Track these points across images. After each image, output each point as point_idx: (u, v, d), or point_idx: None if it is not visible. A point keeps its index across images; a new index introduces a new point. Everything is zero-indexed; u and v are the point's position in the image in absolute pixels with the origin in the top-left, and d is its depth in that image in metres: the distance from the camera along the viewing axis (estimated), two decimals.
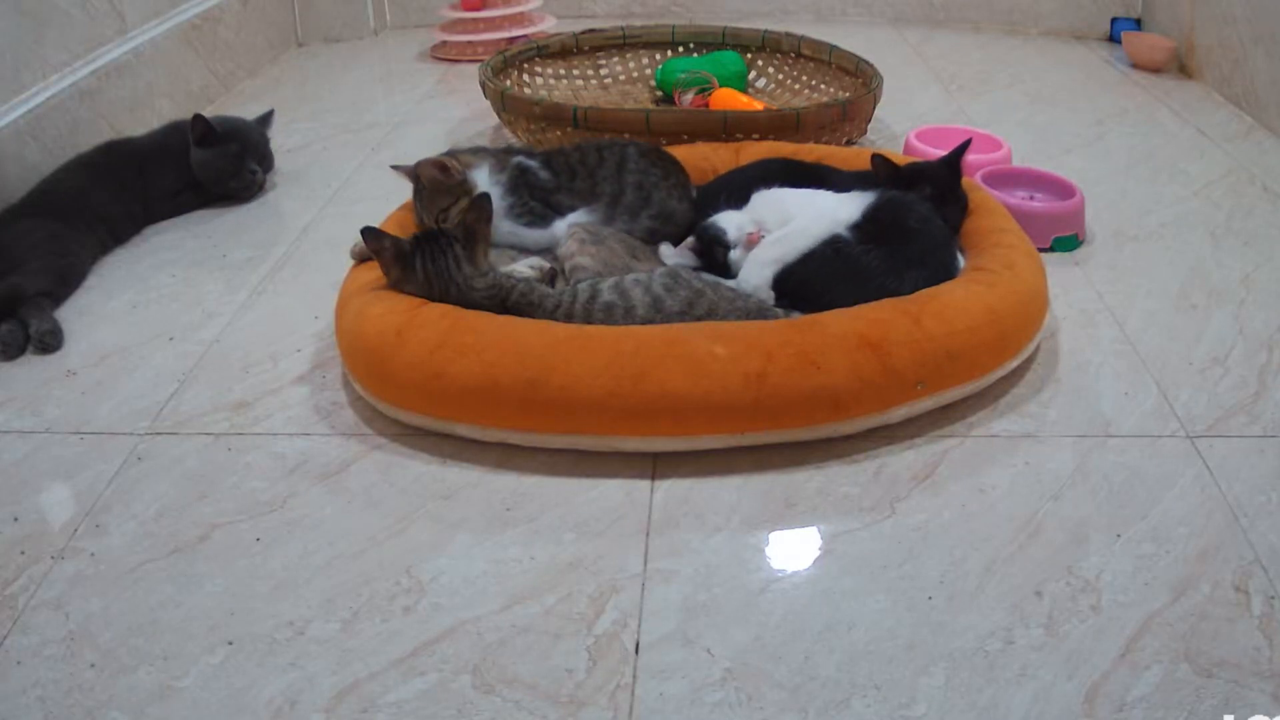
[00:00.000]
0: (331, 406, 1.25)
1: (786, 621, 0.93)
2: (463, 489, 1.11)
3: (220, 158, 1.73)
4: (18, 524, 1.07)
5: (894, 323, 1.15)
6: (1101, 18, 2.75)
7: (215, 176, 1.74)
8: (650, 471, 1.13)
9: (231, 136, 1.74)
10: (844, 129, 1.84)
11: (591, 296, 1.20)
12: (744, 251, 1.33)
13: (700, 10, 2.95)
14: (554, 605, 0.95)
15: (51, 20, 1.79)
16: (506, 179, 1.42)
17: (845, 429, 1.15)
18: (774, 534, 1.05)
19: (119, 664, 0.90)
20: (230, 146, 1.74)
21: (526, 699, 0.86)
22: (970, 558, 1.00)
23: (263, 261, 1.60)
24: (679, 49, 2.29)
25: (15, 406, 1.25)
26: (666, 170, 1.48)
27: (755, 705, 0.85)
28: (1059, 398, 1.24)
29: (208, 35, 2.30)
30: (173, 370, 1.32)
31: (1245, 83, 2.16)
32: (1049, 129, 2.10)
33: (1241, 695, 0.85)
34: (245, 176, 1.76)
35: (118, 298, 1.50)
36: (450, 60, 2.65)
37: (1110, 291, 1.47)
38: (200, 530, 1.05)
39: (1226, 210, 1.72)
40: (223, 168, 1.74)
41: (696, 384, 1.10)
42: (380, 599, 0.96)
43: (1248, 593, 0.95)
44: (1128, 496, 1.08)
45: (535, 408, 1.11)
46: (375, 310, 1.20)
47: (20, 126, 1.67)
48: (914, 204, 1.34)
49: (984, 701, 0.85)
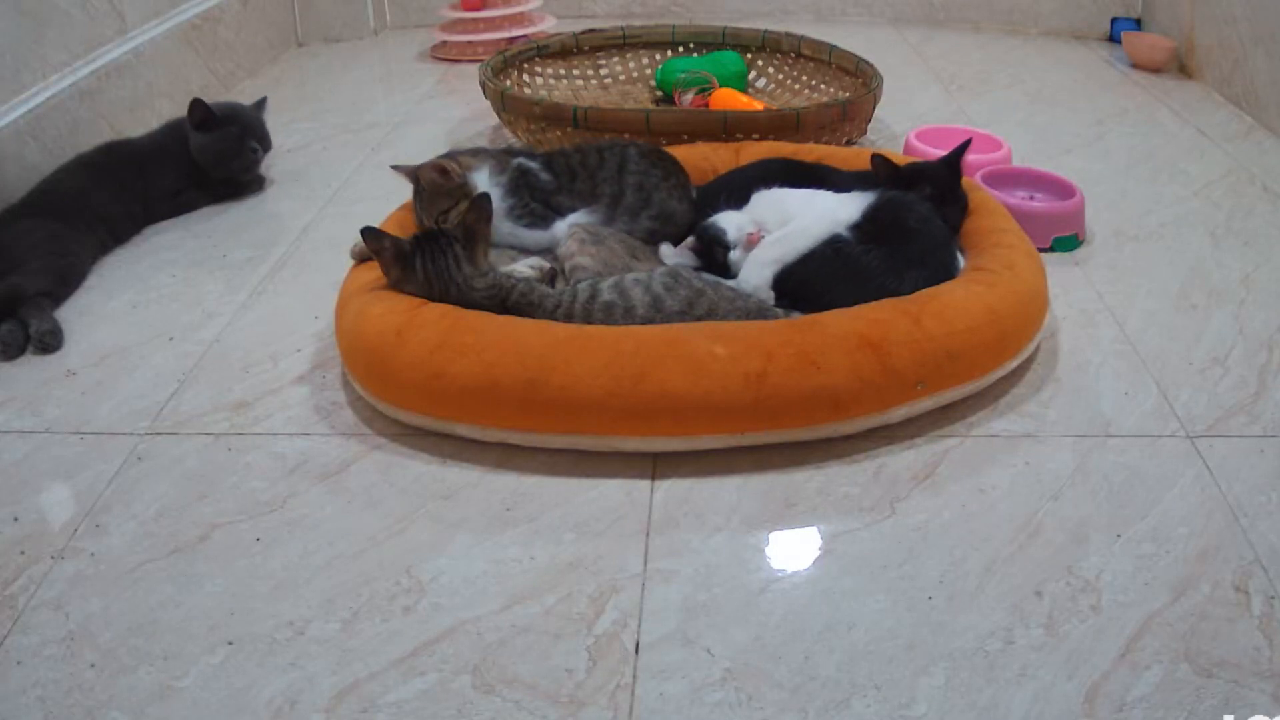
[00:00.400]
0: (331, 406, 1.25)
1: (786, 621, 0.93)
2: (463, 489, 1.11)
3: (221, 140, 1.74)
4: (18, 524, 1.07)
5: (894, 323, 1.15)
6: (1101, 18, 2.75)
7: (217, 160, 1.74)
8: (650, 471, 1.13)
9: (230, 119, 1.74)
10: (844, 129, 1.84)
11: (591, 296, 1.20)
12: (744, 252, 1.33)
13: (700, 10, 2.95)
14: (554, 605, 0.95)
15: (51, 20, 1.79)
16: (507, 180, 1.42)
17: (845, 429, 1.15)
18: (774, 534, 1.05)
19: (119, 664, 0.90)
20: (230, 129, 1.74)
21: (526, 699, 0.86)
22: (970, 558, 1.00)
23: (263, 261, 1.60)
24: (679, 49, 2.29)
25: (15, 406, 1.25)
26: (667, 171, 1.48)
27: (755, 705, 0.85)
28: (1059, 398, 1.24)
29: (208, 35, 2.30)
30: (173, 370, 1.32)
31: (1245, 83, 2.16)
32: (1049, 129, 2.10)
33: (1241, 695, 0.85)
34: (247, 156, 1.77)
35: (118, 298, 1.50)
36: (450, 60, 2.65)
37: (1110, 291, 1.47)
38: (200, 530, 1.05)
39: (1226, 210, 1.72)
40: (224, 150, 1.74)
41: (696, 384, 1.10)
42: (380, 599, 0.96)
43: (1248, 593, 0.95)
44: (1128, 496, 1.08)
45: (535, 408, 1.11)
46: (375, 310, 1.20)
47: (20, 126, 1.67)
48: (914, 204, 1.34)
49: (984, 701, 0.85)
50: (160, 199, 1.72)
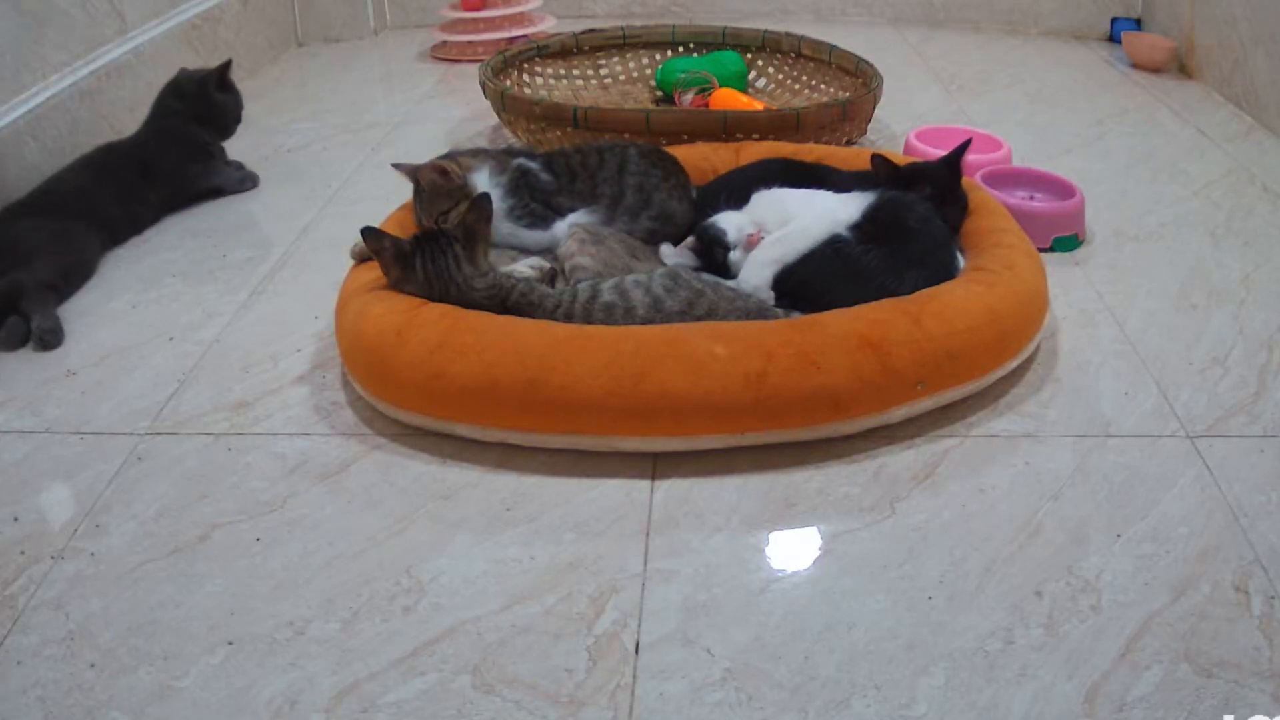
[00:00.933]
0: (331, 406, 1.25)
1: (786, 621, 0.93)
2: (463, 489, 1.11)
3: (236, 101, 1.86)
4: (18, 524, 1.07)
5: (894, 323, 1.15)
6: (1101, 18, 2.75)
7: (237, 115, 1.86)
8: (650, 471, 1.13)
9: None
10: (844, 129, 1.84)
11: (591, 297, 1.20)
12: (744, 252, 1.33)
13: (700, 10, 2.95)
14: (554, 605, 0.95)
15: (51, 20, 1.80)
16: (507, 181, 1.42)
17: (845, 429, 1.15)
18: (774, 534, 1.05)
19: (119, 664, 0.90)
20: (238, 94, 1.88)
21: (526, 699, 0.86)
22: (970, 558, 1.00)
23: (263, 261, 1.60)
24: (679, 49, 2.29)
25: (15, 406, 1.25)
26: (667, 171, 1.48)
27: (755, 705, 0.85)
28: (1059, 398, 1.24)
29: (208, 35, 2.30)
30: (173, 370, 1.32)
31: (1245, 83, 2.16)
32: (1049, 129, 2.10)
33: (1241, 695, 0.85)
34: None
35: (118, 298, 1.50)
36: (450, 60, 2.65)
37: (1110, 291, 1.47)
38: (200, 530, 1.05)
39: (1226, 210, 1.72)
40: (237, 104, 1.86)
41: (696, 384, 1.10)
42: (380, 599, 0.96)
43: (1248, 593, 0.95)
44: (1128, 496, 1.08)
45: (535, 408, 1.11)
46: (375, 310, 1.20)
47: (20, 126, 1.67)
48: (914, 204, 1.34)
49: (984, 701, 0.85)
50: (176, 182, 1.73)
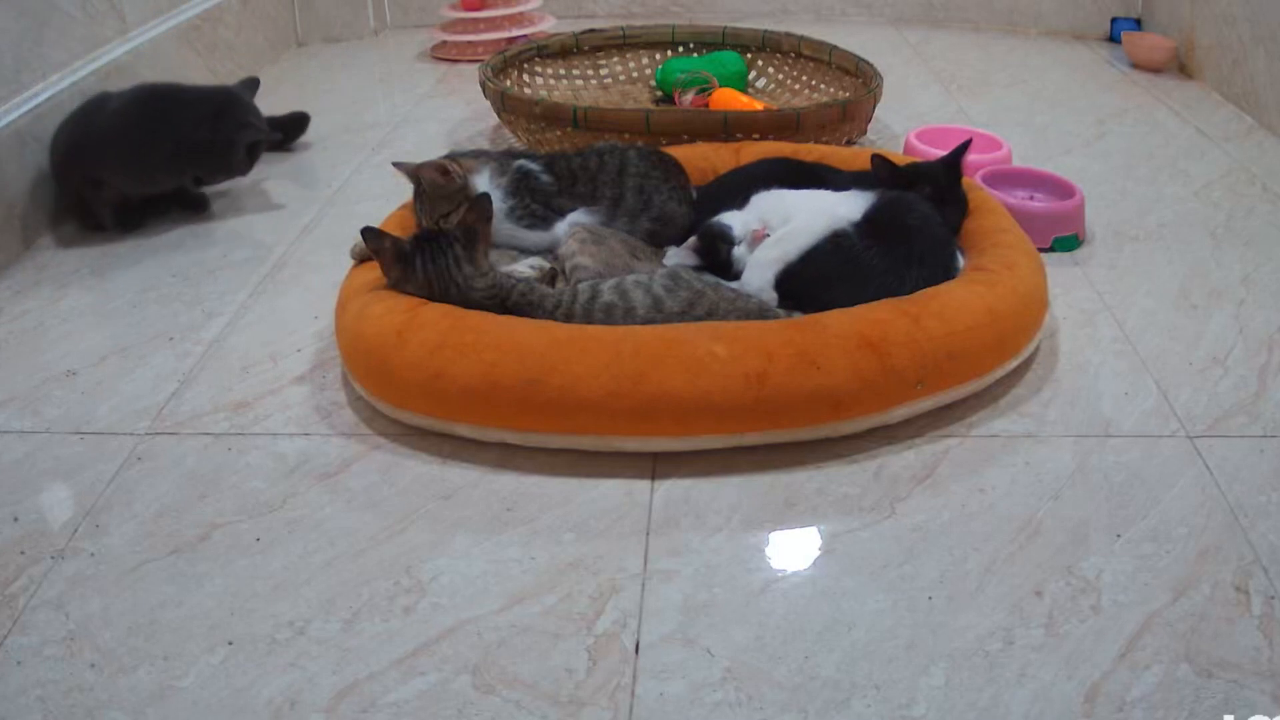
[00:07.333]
0: (331, 406, 1.25)
1: (786, 621, 0.93)
2: (463, 489, 1.11)
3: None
4: (18, 524, 1.07)
5: (894, 323, 1.15)
6: (1101, 18, 2.75)
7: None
8: (650, 471, 1.13)
9: None
10: (844, 129, 1.84)
11: (592, 297, 1.20)
12: (749, 247, 1.33)
13: (700, 10, 2.95)
14: (554, 605, 0.95)
15: (51, 20, 1.79)
16: (508, 182, 1.42)
17: (845, 429, 1.15)
18: (774, 534, 1.05)
19: (119, 664, 0.90)
20: None
21: (526, 699, 0.86)
22: (970, 558, 1.00)
23: (263, 261, 1.60)
24: (679, 49, 2.29)
25: (15, 406, 1.25)
26: (667, 173, 1.48)
27: (755, 705, 0.85)
28: (1059, 398, 1.24)
29: (208, 35, 2.30)
30: (173, 370, 1.32)
31: (1245, 83, 2.16)
32: (1049, 129, 2.10)
33: (1241, 695, 0.85)
34: None
35: (118, 298, 1.50)
36: (450, 60, 2.65)
37: (1110, 291, 1.47)
38: (200, 530, 1.05)
39: (1226, 210, 1.72)
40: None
41: (696, 384, 1.10)
42: (380, 599, 0.96)
43: (1248, 593, 0.95)
44: (1128, 496, 1.08)
45: (535, 408, 1.11)
46: (375, 310, 1.20)
47: (20, 126, 1.66)
48: (915, 203, 1.34)
49: (984, 701, 0.85)
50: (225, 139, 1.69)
